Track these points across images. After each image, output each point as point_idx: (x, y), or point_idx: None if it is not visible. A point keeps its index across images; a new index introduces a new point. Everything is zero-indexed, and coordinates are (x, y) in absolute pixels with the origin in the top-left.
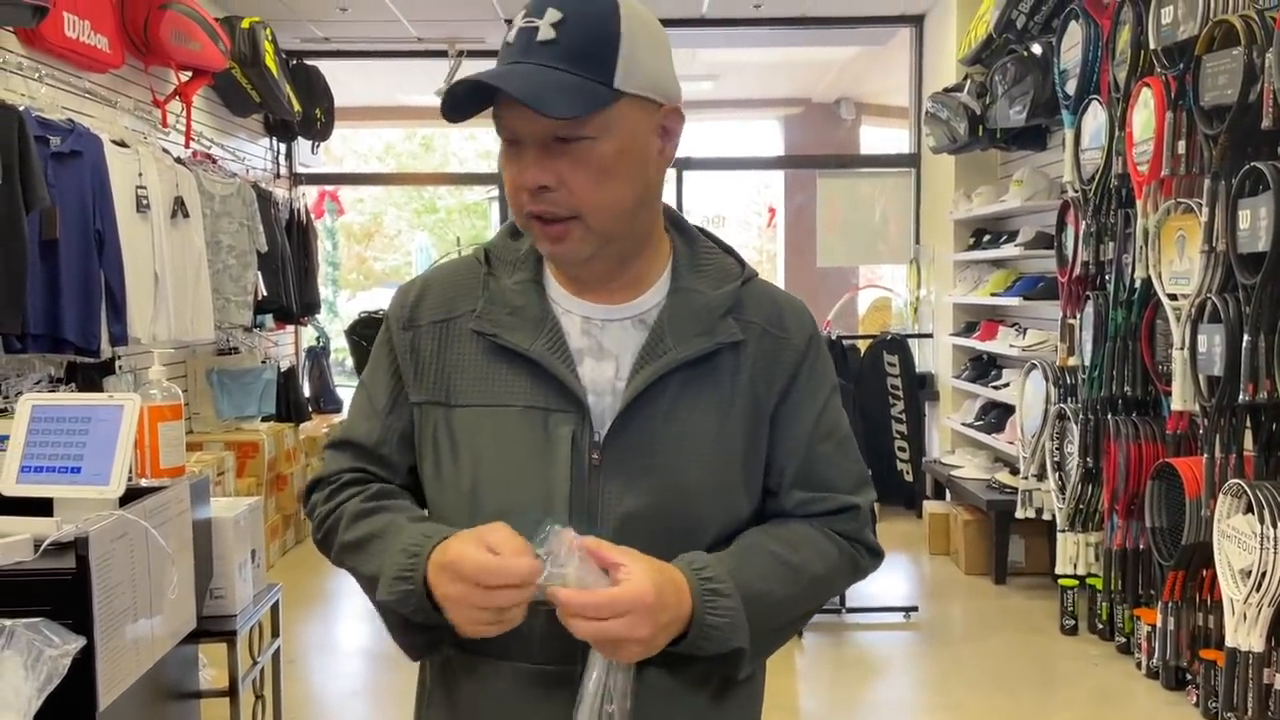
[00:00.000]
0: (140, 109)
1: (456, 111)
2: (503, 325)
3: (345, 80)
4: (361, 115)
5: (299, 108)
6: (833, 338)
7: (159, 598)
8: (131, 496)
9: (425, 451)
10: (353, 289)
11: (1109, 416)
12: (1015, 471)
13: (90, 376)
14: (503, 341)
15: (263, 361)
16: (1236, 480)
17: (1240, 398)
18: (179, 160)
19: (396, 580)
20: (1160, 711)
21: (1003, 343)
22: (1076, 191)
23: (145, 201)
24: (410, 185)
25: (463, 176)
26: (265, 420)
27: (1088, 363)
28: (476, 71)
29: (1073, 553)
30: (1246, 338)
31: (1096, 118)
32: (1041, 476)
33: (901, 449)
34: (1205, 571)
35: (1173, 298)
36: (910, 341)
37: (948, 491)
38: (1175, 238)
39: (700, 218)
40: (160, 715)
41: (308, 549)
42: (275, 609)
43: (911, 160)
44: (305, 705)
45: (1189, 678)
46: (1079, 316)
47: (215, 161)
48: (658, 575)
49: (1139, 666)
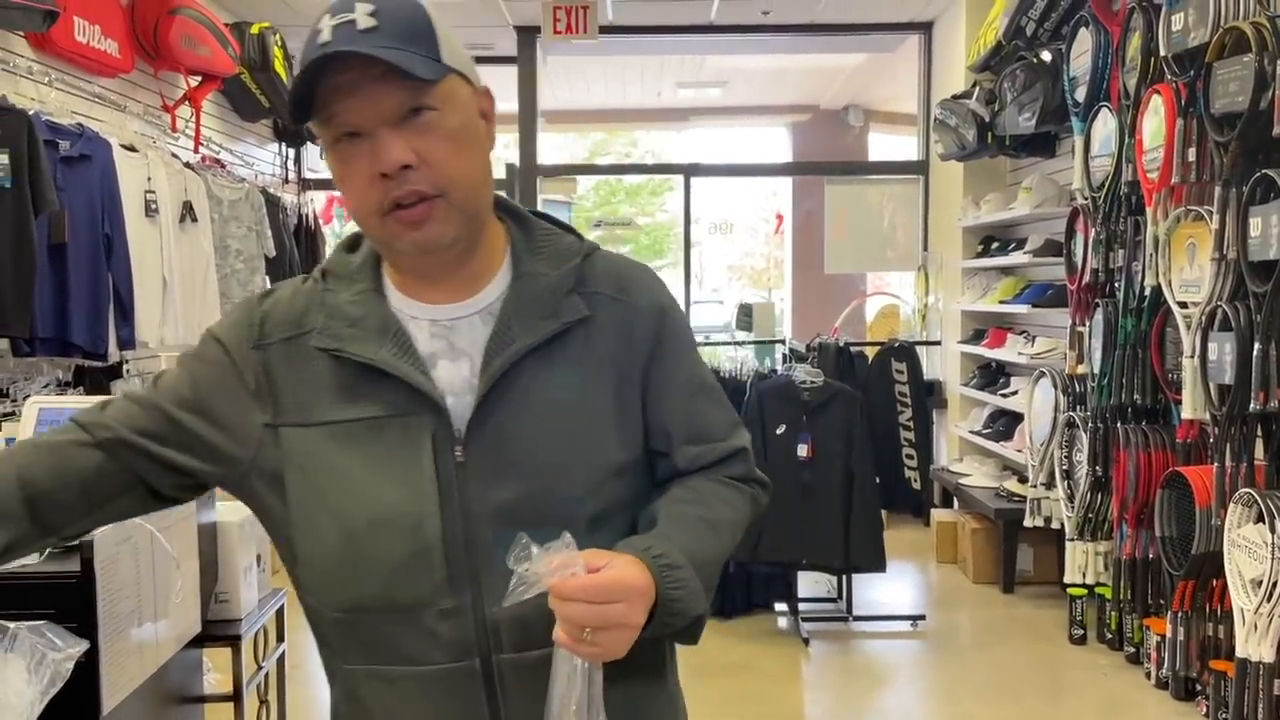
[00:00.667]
0: (149, 114)
1: (302, 109)
2: (345, 338)
3: None
4: None
5: None
6: (840, 344)
7: (163, 601)
8: None
9: (289, 472)
10: None
11: (1118, 425)
12: (1024, 480)
13: (98, 380)
14: (348, 354)
15: None
16: (1247, 489)
17: (1251, 406)
18: (188, 165)
19: None
20: None
21: (1011, 350)
22: (1086, 199)
23: (154, 206)
24: None
25: None
26: None
27: (1097, 371)
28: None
29: (1082, 562)
30: (1257, 346)
31: (1106, 125)
32: (1050, 485)
33: (909, 457)
34: (1215, 581)
35: (1183, 305)
36: (918, 349)
37: (955, 499)
38: (1185, 245)
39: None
40: (164, 719)
41: None
42: (280, 614)
43: (920, 167)
44: (309, 710)
45: (1199, 688)
46: (1088, 324)
47: (224, 166)
48: (635, 563)
49: (1148, 677)
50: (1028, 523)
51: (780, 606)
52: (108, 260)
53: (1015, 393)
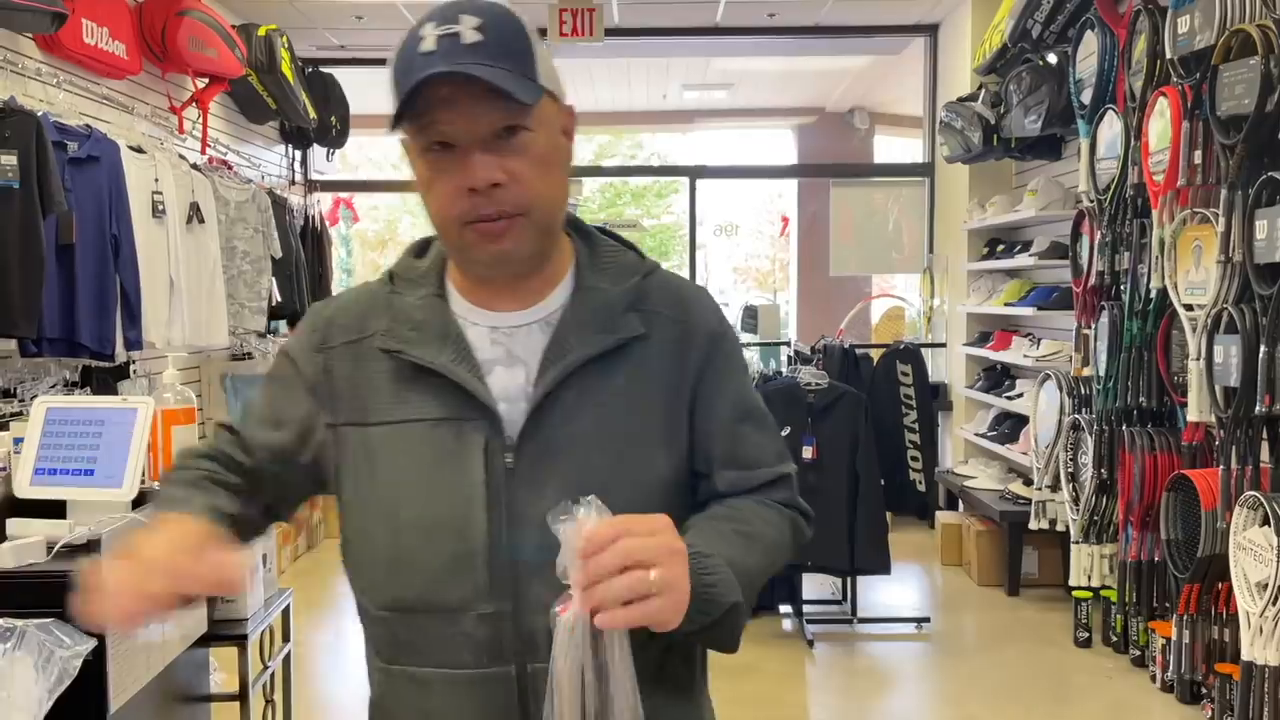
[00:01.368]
0: (157, 115)
1: (399, 117)
2: (408, 341)
3: (360, 88)
4: (377, 123)
5: (315, 115)
6: (845, 346)
7: None
8: (144, 499)
9: (344, 471)
10: None
11: (1124, 427)
12: (1029, 482)
13: (105, 380)
14: (409, 357)
15: None
16: (1253, 492)
17: (1257, 409)
18: (195, 166)
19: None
20: None
21: (1016, 353)
22: (1092, 201)
23: (161, 207)
24: None
25: None
26: None
27: (1102, 373)
28: (418, 74)
29: (1087, 564)
30: (1263, 348)
31: (1112, 127)
32: (1055, 487)
33: (914, 459)
34: (1221, 584)
35: (1189, 308)
36: (923, 351)
37: (960, 502)
38: (1191, 248)
39: (713, 226)
40: (170, 718)
41: (319, 555)
42: (286, 614)
43: (925, 170)
44: (315, 710)
45: (1204, 692)
46: (1094, 327)
47: (231, 168)
48: None
49: (1154, 680)
50: (1033, 525)
51: (785, 608)
52: (115, 261)
53: (1020, 395)
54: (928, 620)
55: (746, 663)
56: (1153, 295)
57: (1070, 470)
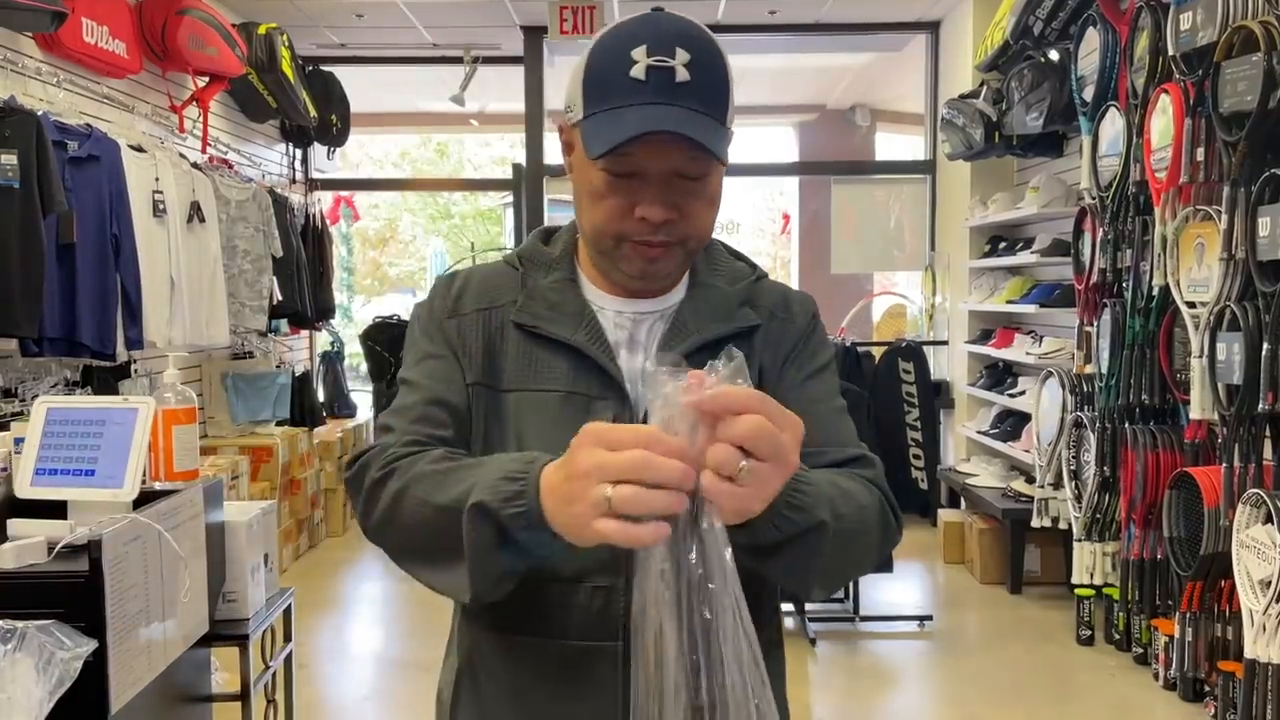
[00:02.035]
0: (157, 114)
1: (611, 152)
2: (543, 318)
3: (361, 86)
4: (377, 121)
5: (315, 113)
6: (847, 344)
7: (171, 601)
8: (145, 499)
9: (476, 432)
10: (367, 294)
11: (1126, 425)
12: (1031, 480)
13: (106, 380)
14: (544, 332)
15: (277, 366)
16: (1256, 490)
17: (1260, 406)
18: (195, 165)
19: (504, 480)
20: None
21: (1019, 350)
22: (1094, 198)
23: (162, 206)
24: (425, 191)
25: (477, 182)
26: (279, 425)
27: (1105, 371)
28: (626, 114)
29: (1089, 562)
30: (1266, 346)
31: (1114, 124)
32: (1058, 485)
33: (916, 456)
34: (1224, 582)
35: (1191, 305)
36: (925, 349)
37: (963, 500)
38: (1194, 245)
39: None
40: (172, 718)
41: (321, 554)
42: (288, 613)
43: (927, 167)
44: (317, 710)
45: (1207, 689)
46: (1096, 324)
47: (231, 167)
48: None
49: (1156, 678)
50: (1035, 523)
51: (787, 606)
52: (116, 260)
53: (1023, 393)
54: (930, 618)
55: None
56: (1155, 293)
57: (1072, 468)
